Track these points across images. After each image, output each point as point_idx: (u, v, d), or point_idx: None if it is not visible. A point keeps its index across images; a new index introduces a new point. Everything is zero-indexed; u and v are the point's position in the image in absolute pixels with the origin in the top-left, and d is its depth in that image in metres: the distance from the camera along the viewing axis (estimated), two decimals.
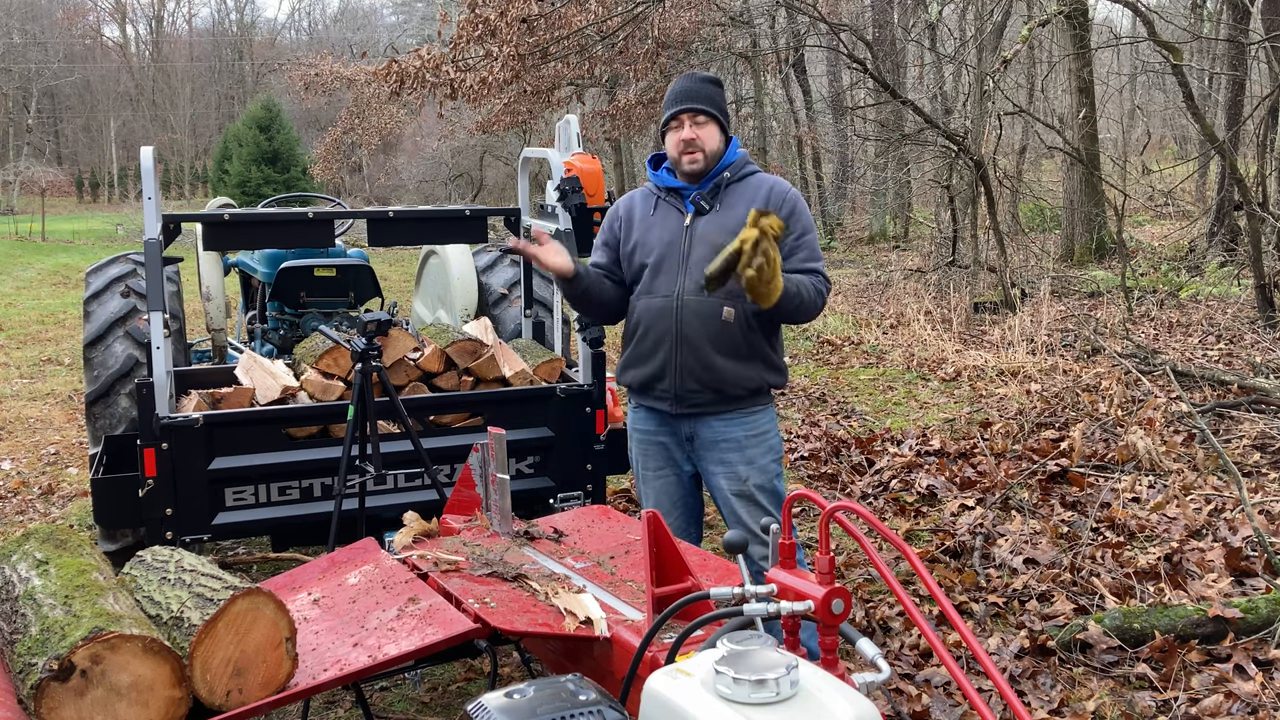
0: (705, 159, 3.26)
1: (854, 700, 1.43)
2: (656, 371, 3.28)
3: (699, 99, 3.27)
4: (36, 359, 10.86)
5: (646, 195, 3.43)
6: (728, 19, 16.77)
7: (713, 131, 3.27)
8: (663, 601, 2.00)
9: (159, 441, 3.65)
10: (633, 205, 3.45)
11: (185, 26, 57.05)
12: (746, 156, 3.39)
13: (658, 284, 3.29)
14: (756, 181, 3.33)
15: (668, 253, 3.29)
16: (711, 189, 3.28)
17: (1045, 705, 3.47)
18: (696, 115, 3.25)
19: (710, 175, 3.29)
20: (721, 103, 3.32)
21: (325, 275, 5.83)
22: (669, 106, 3.31)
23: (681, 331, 3.23)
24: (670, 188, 3.35)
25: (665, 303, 3.26)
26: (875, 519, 1.57)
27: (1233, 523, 4.86)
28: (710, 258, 3.01)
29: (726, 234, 3.10)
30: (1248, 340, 9.00)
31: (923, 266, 14.35)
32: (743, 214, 3.04)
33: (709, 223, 3.26)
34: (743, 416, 3.29)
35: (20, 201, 35.20)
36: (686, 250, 3.26)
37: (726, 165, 3.32)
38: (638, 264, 3.35)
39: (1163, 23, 12.39)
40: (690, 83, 3.32)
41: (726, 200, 3.28)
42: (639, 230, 3.38)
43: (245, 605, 1.89)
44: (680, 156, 3.28)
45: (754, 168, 3.37)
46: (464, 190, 32.00)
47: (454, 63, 13.62)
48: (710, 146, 3.26)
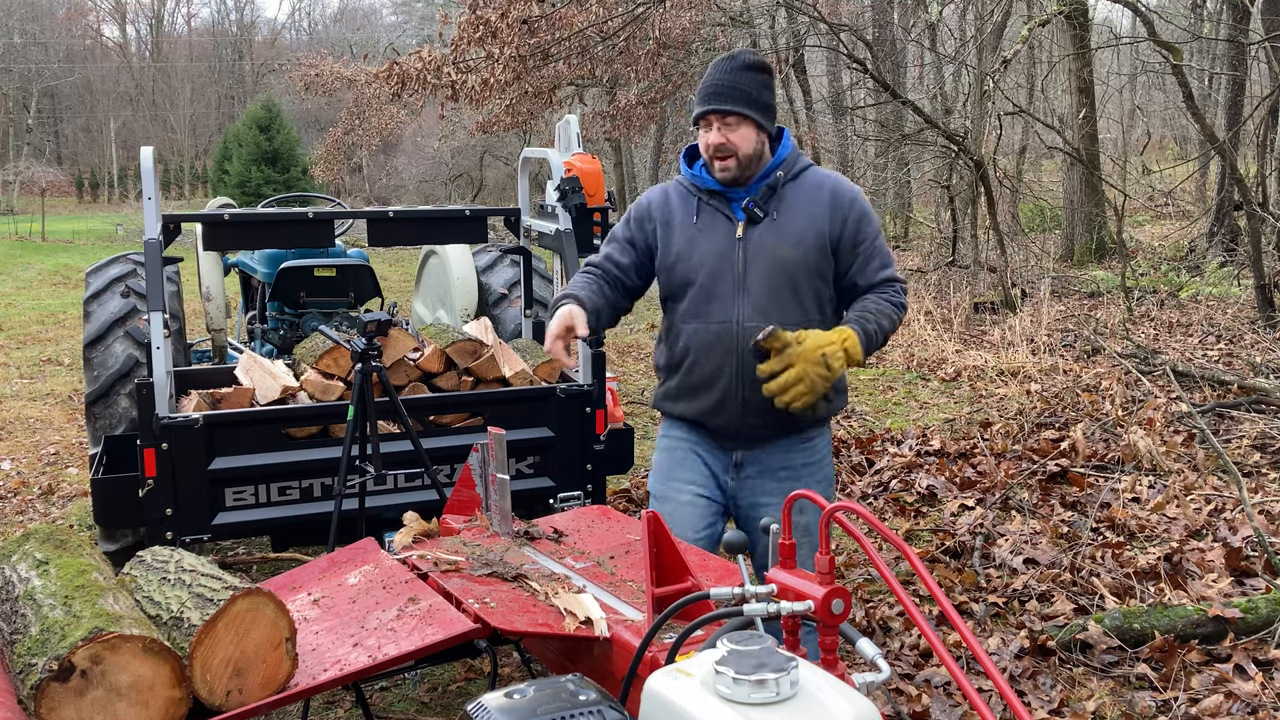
0: (739, 165, 2.83)
1: (854, 700, 1.43)
2: (713, 407, 2.89)
3: (729, 97, 2.80)
4: (36, 359, 10.85)
5: (685, 196, 2.97)
6: (728, 19, 16.76)
7: (748, 134, 2.82)
8: (663, 601, 2.00)
9: (159, 441, 3.65)
10: (669, 205, 2.98)
11: (185, 26, 57.06)
12: (798, 150, 2.96)
13: (712, 308, 2.86)
14: (815, 181, 2.91)
15: (720, 271, 2.85)
16: (764, 192, 2.85)
17: (1045, 705, 3.47)
18: (726, 117, 2.81)
19: (760, 177, 2.88)
20: (762, 95, 2.85)
21: (325, 275, 5.83)
22: (699, 101, 2.88)
23: (742, 363, 2.82)
24: (713, 190, 2.91)
25: (722, 329, 2.84)
26: (875, 519, 1.57)
27: (1233, 523, 4.86)
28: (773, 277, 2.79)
29: (789, 244, 2.82)
30: (1248, 340, 9.00)
31: (923, 266, 14.35)
32: (804, 220, 2.81)
33: (766, 233, 2.85)
34: (803, 442, 2.95)
35: (20, 201, 35.19)
36: (742, 268, 2.84)
37: (778, 164, 2.89)
38: (681, 281, 2.91)
39: (1163, 23, 12.39)
40: (723, 74, 2.84)
41: (783, 204, 2.86)
42: (680, 239, 2.93)
43: (245, 605, 1.88)
44: (711, 161, 2.87)
45: (807, 162, 2.96)
46: (464, 190, 31.99)
47: (455, 64, 13.62)
48: (745, 150, 2.82)
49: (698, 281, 2.88)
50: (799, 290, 2.85)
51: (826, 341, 2.71)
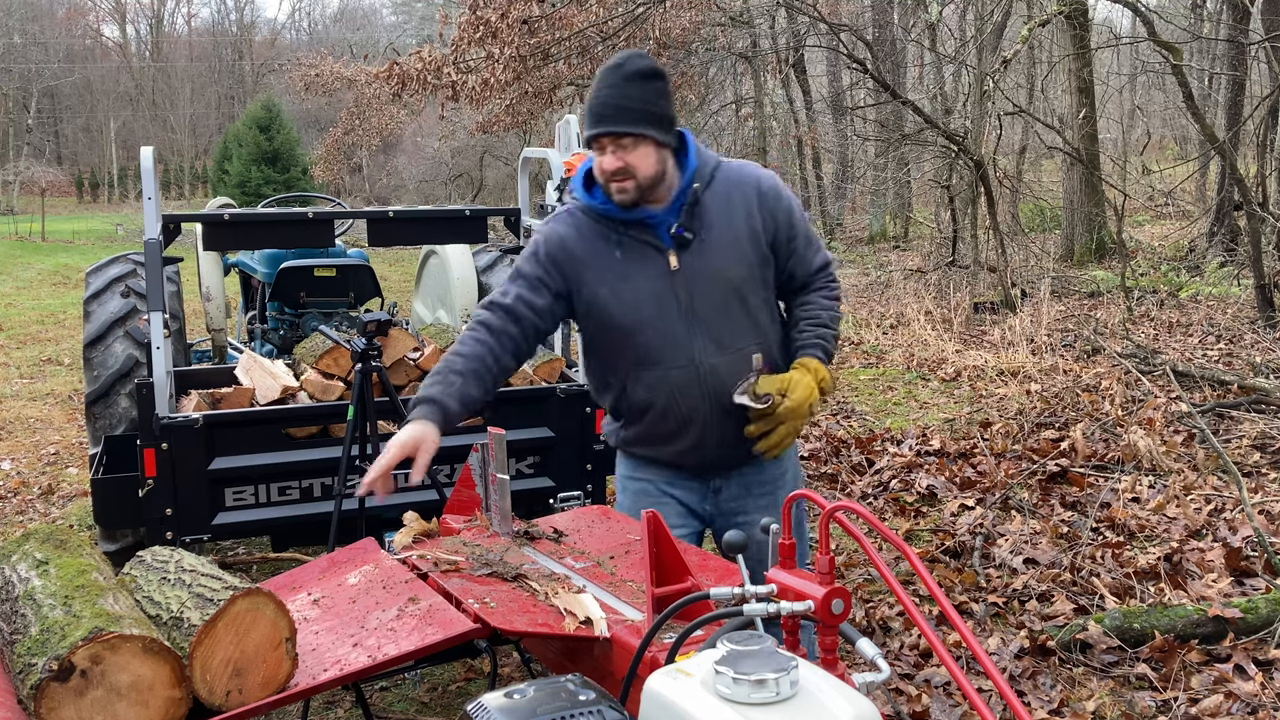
0: (639, 188, 2.54)
1: (854, 700, 1.43)
2: (686, 450, 2.72)
3: (621, 117, 2.49)
4: (36, 359, 10.86)
5: (598, 228, 2.64)
6: (728, 19, 16.76)
7: (646, 153, 2.51)
8: (663, 601, 2.00)
9: (159, 441, 3.65)
10: (583, 241, 2.64)
11: (185, 26, 57.06)
12: (704, 151, 2.68)
13: (665, 352, 2.62)
14: (734, 178, 2.67)
15: (665, 311, 2.60)
16: (687, 211, 2.58)
17: (1045, 705, 3.47)
18: (620, 139, 2.50)
19: (678, 196, 2.59)
20: (658, 106, 2.53)
21: (325, 275, 5.83)
22: (588, 123, 2.53)
23: (715, 404, 2.64)
24: (631, 220, 2.60)
25: (684, 374, 2.62)
26: (875, 519, 1.57)
27: (1233, 523, 4.86)
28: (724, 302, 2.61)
29: (730, 262, 2.60)
30: (1248, 340, 9.00)
31: (923, 266, 14.35)
32: (735, 229, 2.61)
33: (701, 256, 2.60)
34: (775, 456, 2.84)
35: (20, 201, 35.19)
36: (689, 302, 2.60)
37: (692, 176, 2.60)
38: (619, 328, 2.63)
39: (1163, 23, 12.39)
40: (610, 89, 2.51)
41: (708, 217, 2.61)
42: (606, 281, 2.61)
43: (245, 605, 1.88)
44: (607, 184, 2.56)
45: (714, 159, 2.68)
46: (464, 190, 32.00)
47: (455, 64, 13.63)
48: (645, 171, 2.52)
49: (642, 326, 2.61)
50: (749, 307, 2.68)
51: (809, 391, 2.61)
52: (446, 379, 2.54)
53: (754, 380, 2.62)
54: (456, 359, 2.58)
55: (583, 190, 2.67)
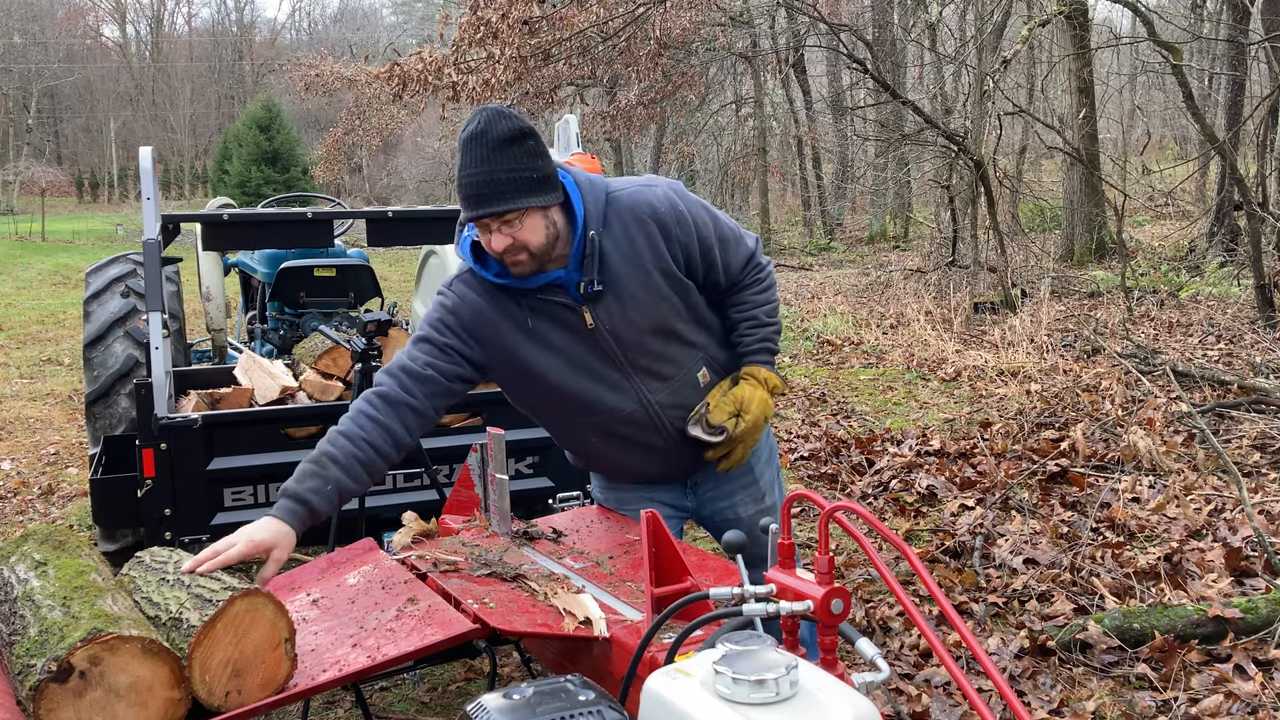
0: (535, 258, 2.38)
1: (854, 700, 1.43)
2: (656, 475, 2.74)
3: (499, 196, 2.30)
4: (36, 359, 10.86)
5: (499, 297, 2.48)
6: (728, 19, 16.77)
7: (534, 223, 2.35)
8: (662, 601, 1.99)
9: (158, 442, 3.65)
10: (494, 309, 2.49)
11: (185, 26, 57.08)
12: (590, 182, 2.46)
13: (611, 400, 2.54)
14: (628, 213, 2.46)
15: (596, 367, 2.50)
16: (588, 264, 2.42)
17: (1045, 705, 3.47)
18: (503, 217, 2.32)
19: (576, 251, 2.42)
20: (534, 168, 2.33)
21: (325, 275, 5.83)
22: (465, 204, 2.37)
23: (672, 435, 2.61)
24: (534, 287, 2.44)
25: (636, 414, 2.56)
26: (875, 519, 1.57)
27: (1233, 523, 4.86)
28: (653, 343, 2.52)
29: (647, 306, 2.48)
30: (1248, 340, 9.00)
31: (923, 266, 14.35)
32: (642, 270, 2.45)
33: (614, 307, 2.46)
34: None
35: (20, 201, 35.22)
36: (618, 352, 2.50)
37: (584, 224, 2.42)
38: (553, 394, 2.54)
39: (1163, 23, 12.39)
40: (481, 163, 2.31)
41: (612, 264, 2.44)
42: (527, 349, 2.49)
43: (244, 606, 1.88)
44: (504, 261, 2.40)
45: (603, 188, 2.46)
46: None
47: (456, 65, 13.64)
48: (537, 241, 2.36)
49: (579, 383, 2.51)
50: (682, 335, 2.59)
51: (763, 406, 2.60)
52: (324, 470, 2.35)
53: (705, 411, 2.59)
54: (341, 441, 2.40)
55: (474, 262, 2.50)
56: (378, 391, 2.49)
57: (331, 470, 2.35)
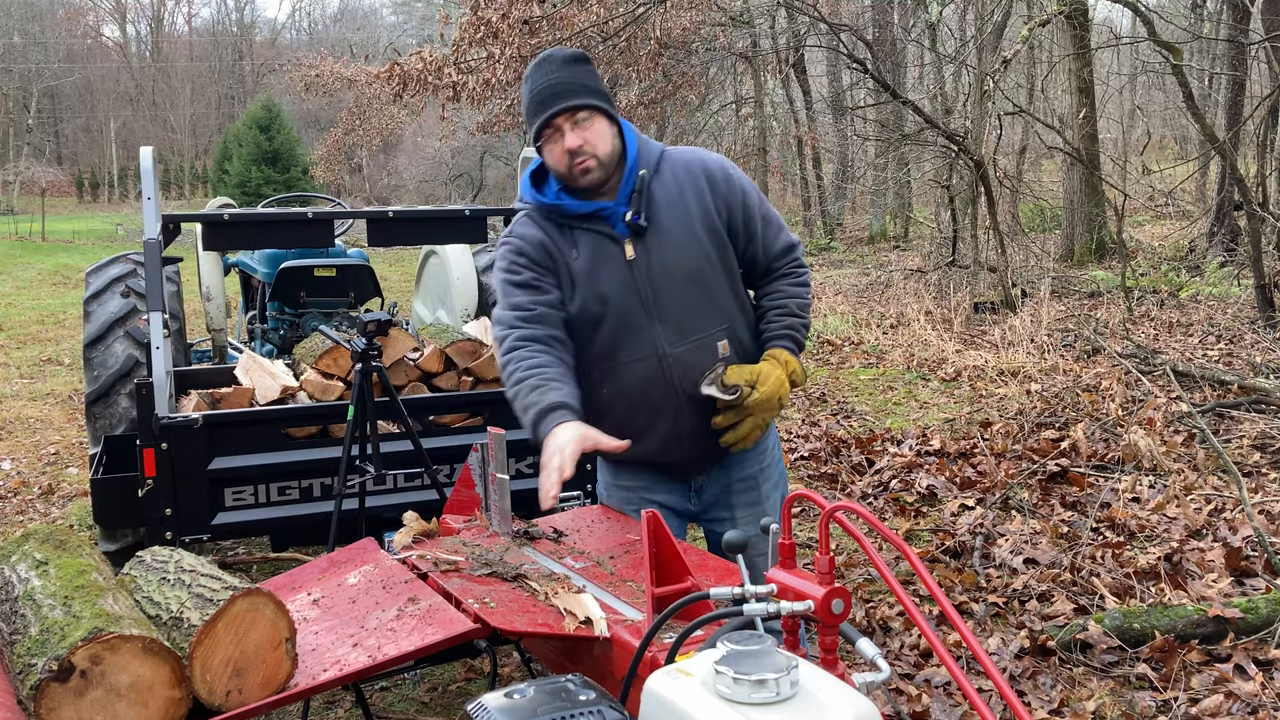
0: (602, 165, 2.52)
1: (854, 700, 1.43)
2: (659, 447, 2.67)
3: (574, 92, 2.48)
4: (36, 359, 10.86)
5: (554, 228, 2.61)
6: (728, 19, 16.77)
7: (602, 128, 2.51)
8: (663, 601, 1.99)
9: (158, 441, 3.65)
10: (548, 244, 2.61)
11: (185, 26, 57.09)
12: (645, 139, 2.65)
13: (629, 343, 2.58)
14: (678, 165, 2.62)
15: (626, 303, 2.55)
16: (635, 198, 2.53)
17: (1045, 705, 3.47)
18: (575, 113, 2.48)
19: (625, 183, 2.56)
20: (598, 83, 2.54)
21: (325, 275, 5.83)
22: (534, 113, 2.51)
23: (681, 394, 2.59)
24: (584, 214, 2.57)
25: (648, 366, 2.58)
26: (875, 519, 1.57)
27: (1233, 523, 4.86)
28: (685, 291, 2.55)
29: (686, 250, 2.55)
30: (1248, 340, 9.00)
31: (923, 266, 14.35)
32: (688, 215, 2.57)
33: (656, 245, 2.55)
34: (758, 448, 2.80)
35: (20, 201, 35.22)
36: (649, 292, 2.55)
37: (635, 162, 2.57)
38: (583, 324, 2.59)
39: (1163, 23, 12.39)
40: (552, 73, 2.50)
41: (658, 205, 2.56)
42: (571, 279, 2.58)
43: (245, 605, 1.88)
44: (571, 171, 2.52)
45: (658, 145, 2.65)
46: (464, 190, 32.03)
47: (456, 65, 13.64)
48: (604, 148, 2.51)
49: (605, 320, 2.56)
50: (712, 295, 2.62)
51: (779, 384, 2.57)
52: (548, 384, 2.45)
53: (721, 371, 2.58)
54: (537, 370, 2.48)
55: (531, 190, 2.64)
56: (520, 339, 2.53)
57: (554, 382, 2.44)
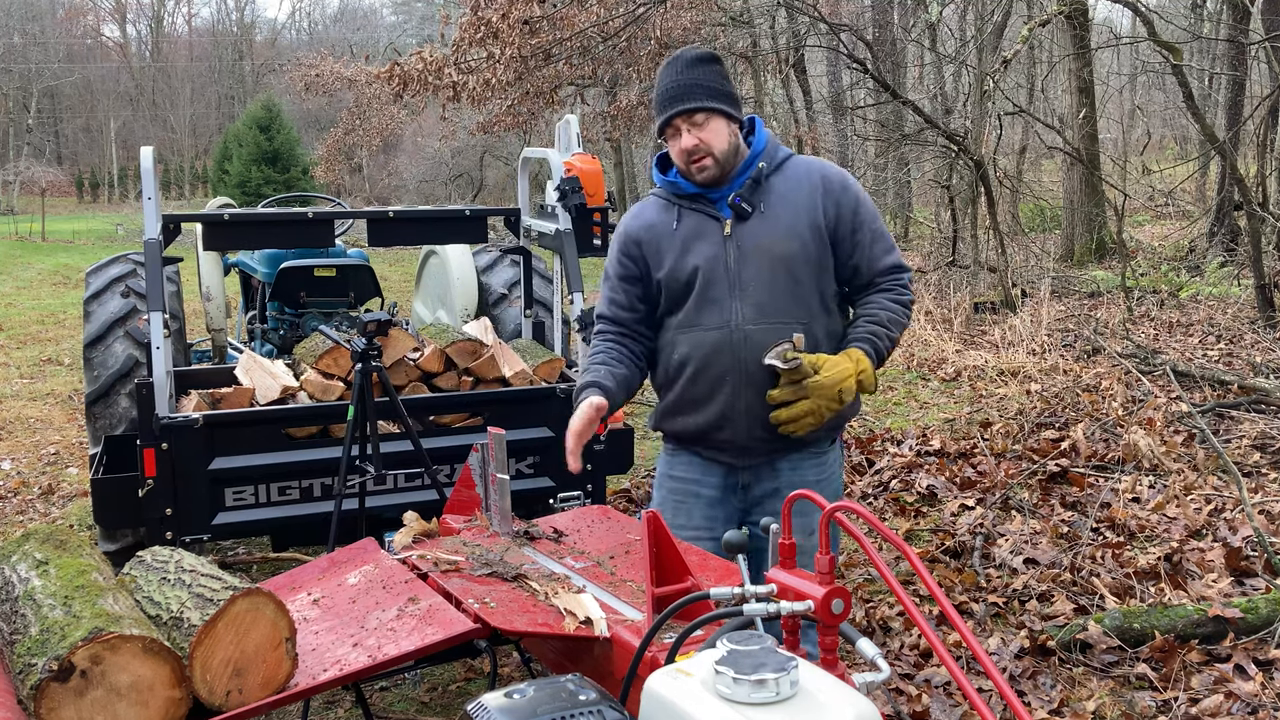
0: (718, 163, 2.68)
1: (854, 700, 1.43)
2: (715, 420, 2.70)
3: (692, 95, 2.64)
4: (36, 359, 10.86)
5: (663, 206, 2.80)
6: (728, 19, 16.77)
7: (720, 128, 2.67)
8: (663, 601, 2.00)
9: (159, 441, 3.65)
10: (650, 223, 2.79)
11: (185, 26, 57.09)
12: (776, 139, 2.80)
13: (706, 314, 2.69)
14: (802, 168, 2.75)
15: (712, 274, 2.68)
16: (749, 186, 2.69)
17: (1045, 705, 3.47)
18: (693, 115, 2.65)
19: (742, 171, 2.72)
20: (724, 85, 2.70)
21: (325, 275, 5.83)
22: (659, 111, 2.71)
23: (745, 369, 2.64)
24: (692, 194, 2.74)
25: (720, 336, 2.66)
26: (875, 519, 1.57)
27: (1233, 523, 4.86)
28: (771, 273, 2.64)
29: (783, 238, 2.66)
30: (1248, 340, 9.00)
31: (923, 266, 14.34)
32: (796, 210, 2.67)
33: (756, 228, 2.68)
34: (814, 458, 2.77)
35: (20, 201, 35.21)
36: (736, 267, 2.67)
37: (758, 155, 2.73)
38: (675, 293, 2.74)
39: (1163, 23, 12.38)
40: (678, 74, 2.67)
41: (771, 196, 2.70)
42: (669, 252, 2.73)
43: (245, 605, 1.89)
44: (689, 167, 2.70)
45: (788, 151, 2.80)
46: (464, 190, 32.02)
47: (456, 65, 13.63)
48: (720, 146, 2.66)
49: (693, 289, 2.70)
50: (800, 286, 2.69)
51: (844, 375, 2.57)
52: (590, 369, 2.72)
53: (787, 346, 2.60)
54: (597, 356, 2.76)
55: (657, 172, 2.85)
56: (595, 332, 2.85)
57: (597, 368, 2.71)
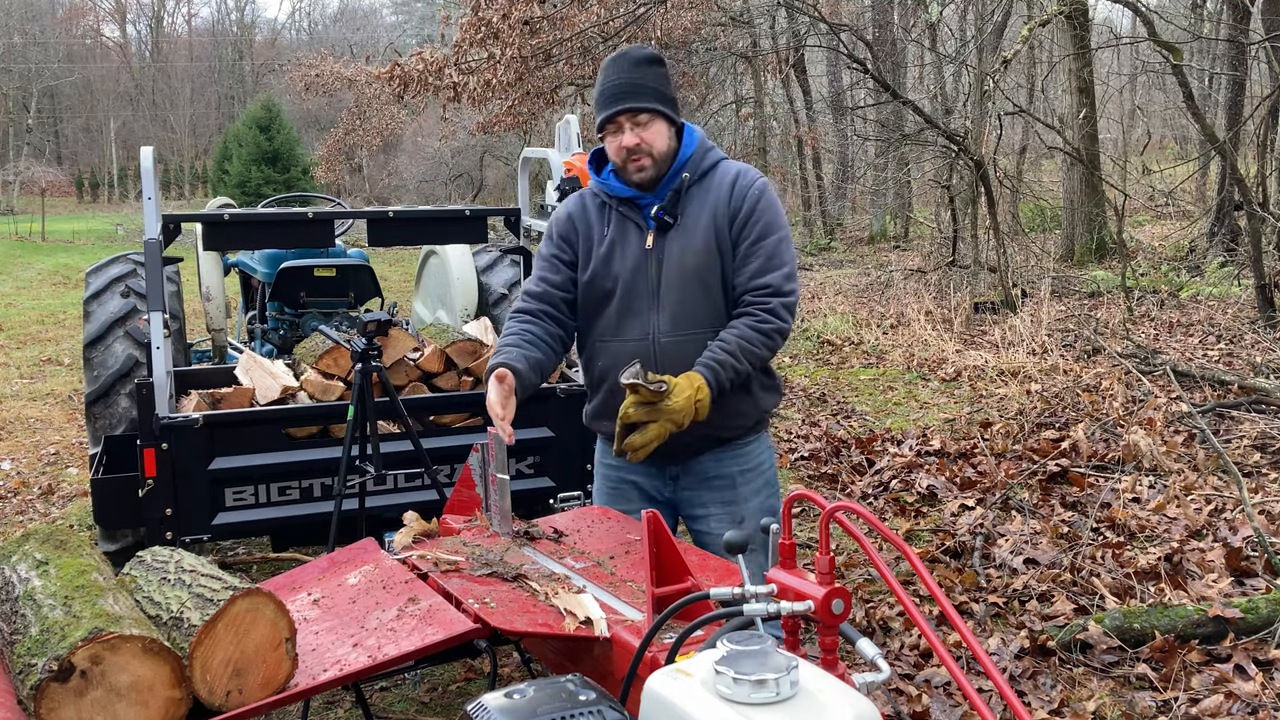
0: (655, 163, 2.70)
1: (854, 700, 1.43)
2: None
3: (637, 94, 2.67)
4: (36, 359, 10.86)
5: (600, 205, 2.83)
6: (728, 19, 16.76)
7: (661, 129, 2.70)
8: (663, 601, 2.00)
9: (159, 441, 3.65)
10: (586, 215, 2.84)
11: (185, 26, 57.09)
12: (705, 142, 2.81)
13: (626, 325, 2.76)
14: (720, 176, 2.76)
15: (634, 285, 2.74)
16: (671, 197, 2.72)
17: (1045, 705, 3.47)
18: (637, 115, 2.68)
19: (667, 180, 2.74)
20: (666, 87, 2.73)
21: (325, 275, 5.83)
22: (601, 106, 2.70)
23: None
24: (624, 197, 2.77)
25: (638, 348, 2.72)
26: (875, 519, 1.57)
27: (1233, 523, 4.86)
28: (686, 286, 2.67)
29: (695, 250, 2.69)
30: (1248, 340, 9.00)
31: (923, 266, 14.35)
32: (706, 219, 2.70)
33: (674, 240, 2.72)
34: (737, 449, 2.84)
35: (20, 201, 35.22)
36: (655, 280, 2.72)
37: (683, 165, 2.74)
38: (597, 297, 2.79)
39: (1163, 23, 12.38)
40: (622, 73, 2.69)
41: (690, 207, 2.74)
42: (597, 253, 2.78)
43: (245, 606, 1.88)
44: (625, 164, 2.72)
45: (717, 155, 2.80)
46: (464, 190, 32.03)
47: (457, 65, 13.64)
48: (660, 147, 2.70)
49: (614, 297, 2.75)
50: (710, 296, 2.72)
51: (689, 401, 2.54)
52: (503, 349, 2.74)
53: (639, 368, 2.56)
54: (510, 338, 2.78)
55: (592, 170, 2.87)
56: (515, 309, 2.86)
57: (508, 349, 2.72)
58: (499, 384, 2.62)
